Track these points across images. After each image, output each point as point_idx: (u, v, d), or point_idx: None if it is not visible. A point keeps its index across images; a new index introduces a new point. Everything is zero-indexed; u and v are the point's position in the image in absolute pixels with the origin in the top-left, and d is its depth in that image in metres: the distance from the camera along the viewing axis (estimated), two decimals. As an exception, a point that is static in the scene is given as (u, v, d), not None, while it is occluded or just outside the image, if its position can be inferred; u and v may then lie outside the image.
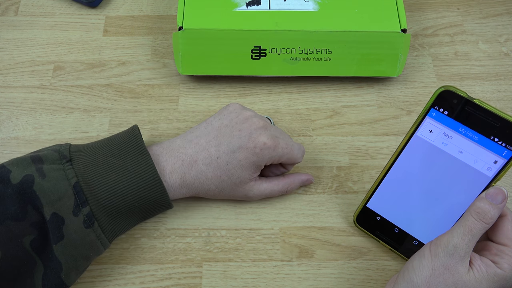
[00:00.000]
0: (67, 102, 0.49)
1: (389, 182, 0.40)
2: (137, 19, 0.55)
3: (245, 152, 0.39)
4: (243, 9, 0.47)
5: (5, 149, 0.47)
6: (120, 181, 0.37)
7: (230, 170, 0.39)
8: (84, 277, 0.41)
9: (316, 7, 0.47)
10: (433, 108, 0.35)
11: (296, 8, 0.47)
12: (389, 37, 0.47)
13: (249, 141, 0.39)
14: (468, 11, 0.56)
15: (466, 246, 0.33)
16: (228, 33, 0.46)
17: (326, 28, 0.46)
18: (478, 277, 0.32)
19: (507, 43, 0.53)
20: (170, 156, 0.39)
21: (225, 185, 0.40)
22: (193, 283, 0.41)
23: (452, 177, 0.37)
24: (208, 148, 0.39)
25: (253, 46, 0.47)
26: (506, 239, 0.34)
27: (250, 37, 0.46)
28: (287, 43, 0.47)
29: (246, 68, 0.48)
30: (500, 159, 0.34)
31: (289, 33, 0.46)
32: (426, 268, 0.33)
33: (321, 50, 0.47)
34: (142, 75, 0.51)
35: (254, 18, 0.47)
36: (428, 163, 0.37)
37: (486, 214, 0.33)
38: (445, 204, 0.38)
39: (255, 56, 0.47)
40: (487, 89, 0.50)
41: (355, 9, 0.47)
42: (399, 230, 0.41)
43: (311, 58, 0.47)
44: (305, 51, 0.47)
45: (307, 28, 0.46)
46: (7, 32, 0.54)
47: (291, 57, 0.47)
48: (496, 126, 0.34)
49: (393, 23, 0.47)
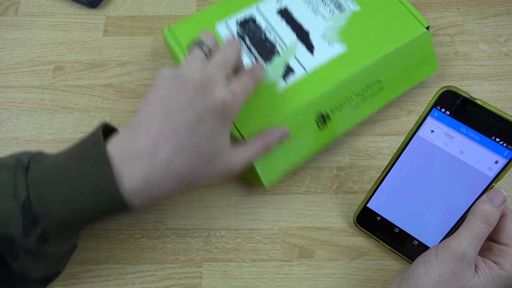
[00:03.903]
0: (67, 102, 0.49)
1: (390, 182, 0.40)
2: (137, 19, 0.55)
3: (207, 121, 0.33)
4: (283, 85, 0.43)
5: (5, 149, 0.47)
6: (77, 195, 0.32)
7: (199, 148, 0.33)
8: (84, 277, 0.41)
9: (344, 46, 0.45)
10: (435, 108, 0.36)
11: (328, 57, 0.44)
12: (420, 40, 0.46)
13: (205, 107, 0.33)
14: (468, 11, 0.56)
15: (474, 252, 0.33)
16: (288, 118, 0.41)
17: (367, 62, 0.44)
18: (483, 281, 0.32)
19: (507, 43, 0.53)
20: (124, 156, 0.32)
21: (200, 168, 0.34)
22: (193, 283, 0.41)
23: (453, 177, 0.37)
24: (162, 130, 0.33)
25: (315, 116, 0.43)
26: (508, 239, 0.34)
27: (309, 109, 0.42)
28: (343, 95, 0.43)
29: (317, 141, 0.44)
30: (501, 159, 0.35)
31: (341, 84, 0.43)
32: (433, 275, 0.32)
33: (372, 84, 0.45)
34: (142, 75, 0.51)
35: (301, 90, 0.42)
36: (429, 163, 0.37)
37: (491, 217, 0.33)
38: (446, 204, 0.38)
39: (321, 125, 0.43)
40: (487, 89, 0.50)
41: (377, 30, 0.46)
42: (400, 230, 0.40)
43: (367, 96, 0.45)
44: (360, 93, 0.44)
45: (352, 71, 0.43)
46: (7, 32, 0.54)
47: (351, 106, 0.44)
48: (498, 126, 0.34)
49: (416, 26, 0.46)
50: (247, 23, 0.46)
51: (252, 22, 0.46)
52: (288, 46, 0.45)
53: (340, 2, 0.47)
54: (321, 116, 0.43)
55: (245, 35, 0.46)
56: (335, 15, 0.47)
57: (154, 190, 0.33)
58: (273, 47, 0.45)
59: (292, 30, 0.46)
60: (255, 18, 0.46)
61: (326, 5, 0.47)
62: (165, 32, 0.46)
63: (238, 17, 0.47)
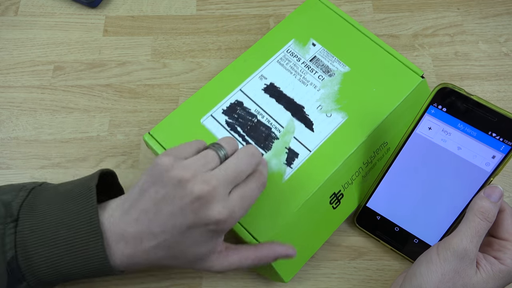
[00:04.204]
0: (67, 102, 0.49)
1: (389, 181, 0.40)
2: (137, 19, 0.55)
3: (197, 231, 0.32)
4: (289, 172, 0.39)
5: (5, 149, 0.47)
6: (65, 259, 0.32)
7: (183, 250, 0.33)
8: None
9: (343, 115, 0.41)
10: (432, 105, 0.36)
11: (330, 130, 0.41)
12: (418, 90, 0.43)
13: (196, 219, 0.31)
14: (468, 11, 0.56)
15: (475, 249, 0.33)
16: (301, 208, 0.38)
17: (371, 128, 0.41)
18: (485, 277, 0.32)
19: (507, 43, 0.53)
20: (113, 233, 0.32)
21: (182, 262, 0.34)
22: (193, 283, 0.41)
23: (452, 174, 0.37)
24: (151, 228, 0.32)
25: (328, 198, 0.40)
26: (507, 233, 0.34)
27: (322, 193, 0.39)
28: (354, 169, 0.41)
29: (333, 221, 0.41)
30: (498, 154, 0.35)
31: (349, 158, 0.40)
32: (435, 274, 0.33)
33: (379, 148, 0.42)
34: (142, 75, 0.51)
35: (309, 173, 0.39)
36: (427, 160, 0.38)
37: (490, 213, 0.33)
38: (445, 200, 0.38)
39: (335, 205, 0.40)
40: (487, 89, 0.50)
41: (373, 88, 0.43)
42: (400, 229, 0.41)
43: (376, 161, 0.42)
44: (369, 161, 0.42)
45: (358, 141, 0.40)
46: (7, 32, 0.54)
47: (362, 177, 0.42)
48: (494, 121, 0.34)
49: (411, 77, 0.43)
50: (235, 110, 0.41)
51: (240, 108, 0.41)
52: (285, 127, 0.41)
53: (327, 66, 0.44)
54: (334, 196, 0.40)
55: (235, 124, 0.41)
56: (325, 81, 0.43)
57: (138, 267, 0.34)
58: (269, 131, 0.41)
59: (285, 108, 0.42)
60: (241, 102, 0.42)
61: (313, 72, 0.43)
62: (146, 139, 0.41)
63: (223, 106, 0.42)
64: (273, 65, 0.44)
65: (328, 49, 0.45)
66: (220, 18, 0.55)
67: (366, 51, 0.45)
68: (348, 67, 0.44)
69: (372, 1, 0.56)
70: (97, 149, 0.47)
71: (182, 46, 0.53)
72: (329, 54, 0.44)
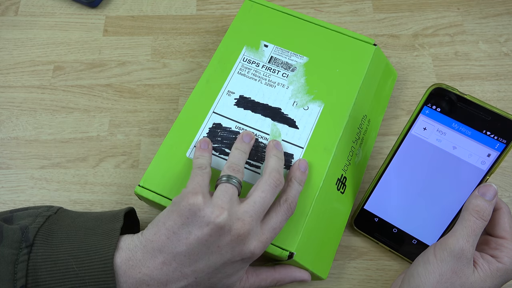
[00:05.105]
0: (67, 102, 0.49)
1: (386, 182, 0.40)
2: (137, 19, 0.55)
3: (231, 266, 0.33)
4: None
5: (5, 149, 0.47)
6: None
7: (214, 283, 0.33)
8: (84, 277, 0.41)
9: (319, 103, 0.42)
10: (426, 105, 0.36)
11: (313, 122, 0.41)
12: (375, 59, 0.45)
13: (234, 255, 0.32)
14: (468, 11, 0.56)
15: (472, 248, 0.33)
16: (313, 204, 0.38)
17: (348, 106, 0.42)
18: (483, 276, 0.32)
19: (507, 43, 0.53)
20: (130, 277, 0.31)
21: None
22: (193, 283, 0.41)
23: (447, 173, 0.37)
24: (181, 269, 0.31)
25: (335, 185, 0.40)
26: (504, 231, 0.34)
27: (327, 183, 0.39)
28: (347, 149, 0.41)
29: (345, 206, 0.42)
30: (493, 152, 0.35)
31: (340, 141, 0.40)
32: (433, 274, 0.33)
33: (362, 123, 0.43)
34: (142, 75, 0.51)
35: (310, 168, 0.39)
36: (423, 160, 0.38)
37: (485, 211, 0.33)
38: (442, 200, 0.38)
39: (342, 189, 0.41)
40: (487, 89, 0.50)
41: (336, 69, 0.43)
42: (398, 230, 0.41)
43: (362, 136, 0.44)
44: (357, 137, 0.43)
45: (342, 123, 0.41)
46: (7, 32, 0.54)
47: (356, 154, 0.43)
48: (487, 120, 0.34)
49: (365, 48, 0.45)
50: (216, 134, 0.40)
51: (220, 130, 0.40)
52: (270, 133, 0.40)
53: (286, 62, 0.44)
54: (339, 181, 0.41)
55: (221, 147, 0.40)
56: (290, 77, 0.43)
57: None
58: (257, 143, 0.40)
59: (263, 115, 0.41)
60: (220, 123, 0.41)
61: (276, 72, 0.43)
62: (138, 192, 0.39)
63: (203, 133, 0.40)
64: (235, 77, 0.43)
65: (281, 46, 0.45)
66: (220, 18, 0.55)
67: (316, 36, 0.45)
68: (306, 57, 0.44)
69: (372, 1, 0.56)
70: (97, 149, 0.47)
71: (182, 46, 0.53)
72: (284, 50, 0.45)
